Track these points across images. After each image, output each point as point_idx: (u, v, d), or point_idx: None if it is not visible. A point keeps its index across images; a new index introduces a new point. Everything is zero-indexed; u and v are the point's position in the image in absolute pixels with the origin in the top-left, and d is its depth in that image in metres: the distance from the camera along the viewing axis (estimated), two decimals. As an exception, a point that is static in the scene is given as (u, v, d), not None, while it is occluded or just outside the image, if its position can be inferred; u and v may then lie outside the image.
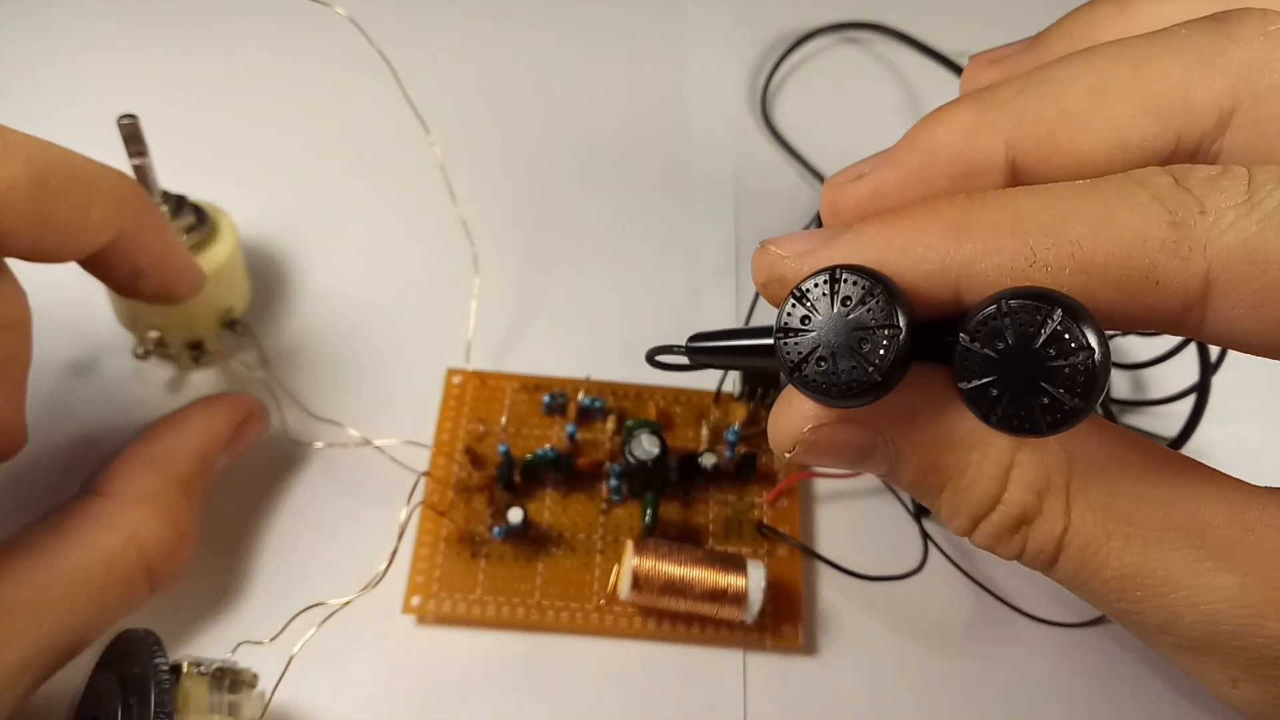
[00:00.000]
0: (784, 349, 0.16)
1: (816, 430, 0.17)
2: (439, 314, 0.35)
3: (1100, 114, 0.17)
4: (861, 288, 0.15)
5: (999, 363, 0.15)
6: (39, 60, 0.43)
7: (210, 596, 0.29)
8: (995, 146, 0.18)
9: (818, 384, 0.16)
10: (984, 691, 0.29)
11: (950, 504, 0.18)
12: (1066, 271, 0.15)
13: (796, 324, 0.16)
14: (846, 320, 0.15)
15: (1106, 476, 0.16)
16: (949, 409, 0.17)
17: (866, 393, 0.15)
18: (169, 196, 0.31)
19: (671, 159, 0.42)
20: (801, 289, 0.16)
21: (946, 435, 0.17)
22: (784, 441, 0.18)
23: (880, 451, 0.18)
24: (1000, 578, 0.30)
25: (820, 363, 0.16)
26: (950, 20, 0.47)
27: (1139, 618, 0.17)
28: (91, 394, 0.32)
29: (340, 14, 0.30)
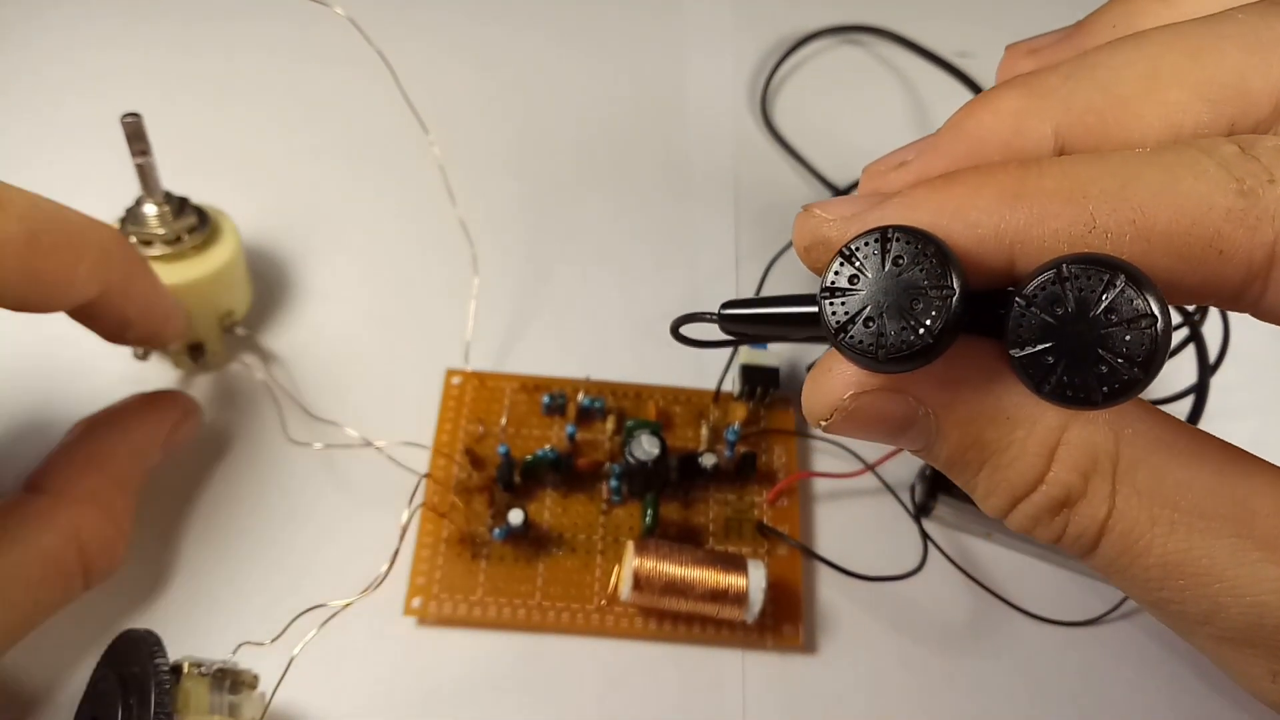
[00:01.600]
0: (829, 310, 0.15)
1: (857, 398, 0.17)
2: (438, 314, 0.35)
3: (1153, 101, 0.16)
4: (914, 248, 0.15)
5: (1056, 329, 0.14)
6: (40, 60, 0.43)
7: (211, 597, 0.29)
8: (1044, 134, 0.17)
9: (864, 346, 0.15)
10: (983, 691, 0.29)
11: (989, 482, 0.17)
12: (1127, 238, 0.15)
13: (844, 284, 0.15)
14: (898, 280, 0.15)
15: (1154, 460, 0.16)
16: (996, 382, 0.16)
17: (915, 357, 0.15)
18: (171, 198, 0.31)
19: (671, 159, 0.42)
20: (850, 248, 0.15)
21: (992, 409, 0.16)
22: (821, 409, 0.17)
23: (920, 424, 0.17)
24: (1000, 577, 0.31)
25: (868, 323, 0.15)
26: (949, 23, 0.47)
27: (1179, 607, 0.16)
28: (92, 396, 0.32)
29: (339, 14, 0.30)
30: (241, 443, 0.32)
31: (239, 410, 0.33)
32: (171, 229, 0.31)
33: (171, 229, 0.31)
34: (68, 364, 0.33)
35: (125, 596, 0.28)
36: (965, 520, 0.31)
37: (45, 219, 0.24)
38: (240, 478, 0.31)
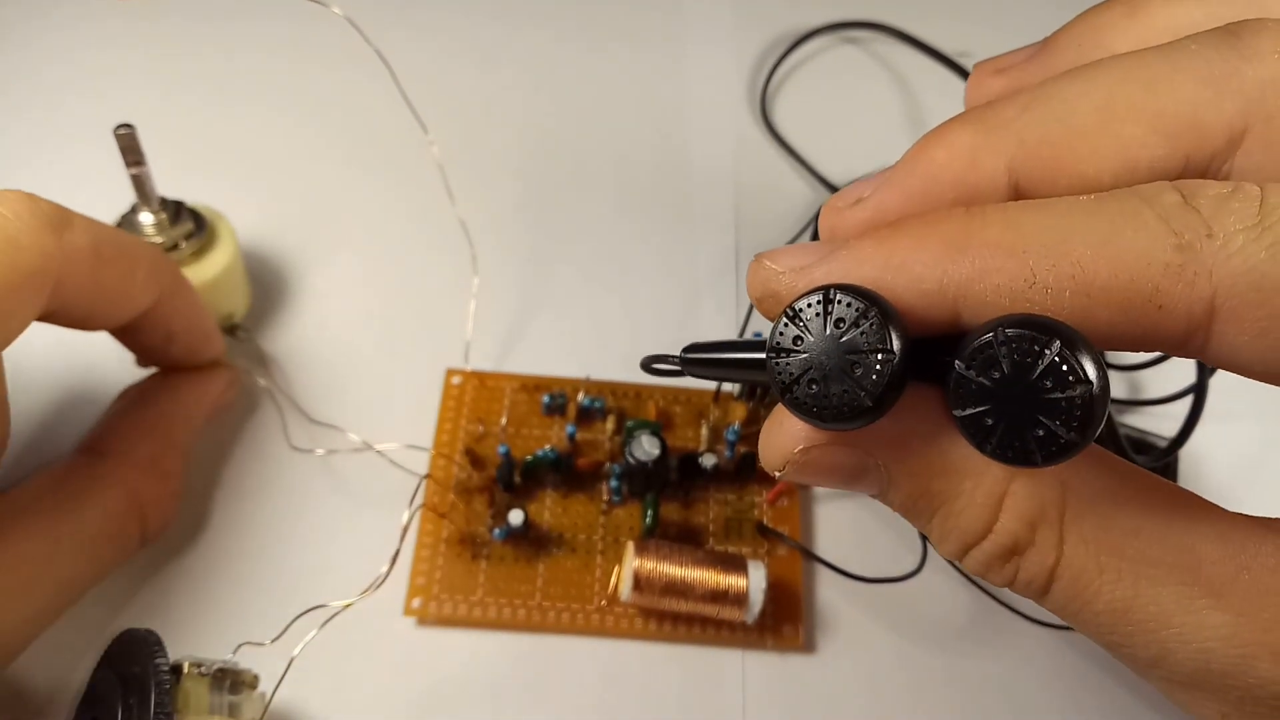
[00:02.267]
0: (776, 369, 0.16)
1: (807, 452, 0.17)
2: (438, 314, 0.35)
3: (1107, 135, 0.16)
4: (855, 309, 0.15)
5: (994, 392, 0.14)
6: (40, 61, 0.43)
7: (212, 597, 0.29)
8: (997, 168, 0.17)
9: (808, 406, 0.15)
10: (983, 691, 0.29)
11: (941, 529, 0.17)
12: (1067, 294, 0.15)
13: (789, 344, 0.16)
14: (840, 343, 0.15)
15: (1101, 509, 0.16)
16: (943, 434, 0.16)
17: (858, 416, 0.15)
18: (167, 203, 0.31)
19: (671, 158, 0.42)
20: (795, 309, 0.16)
21: (940, 461, 0.17)
22: (775, 460, 0.18)
23: (872, 474, 0.17)
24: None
25: (811, 385, 0.15)
26: (950, 19, 0.47)
27: (1130, 651, 0.16)
28: (93, 399, 0.32)
29: (337, 14, 0.30)
30: (242, 445, 0.32)
31: (240, 413, 0.33)
32: (168, 236, 0.31)
33: (168, 236, 0.31)
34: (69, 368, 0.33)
35: (125, 596, 0.28)
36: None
37: (103, 233, 0.25)
38: (241, 479, 0.31)
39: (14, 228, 0.23)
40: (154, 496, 0.28)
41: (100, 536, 0.26)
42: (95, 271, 0.25)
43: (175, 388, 0.30)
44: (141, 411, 0.30)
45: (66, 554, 0.25)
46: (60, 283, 0.24)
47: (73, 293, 0.24)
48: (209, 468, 0.31)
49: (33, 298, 0.23)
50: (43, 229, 0.23)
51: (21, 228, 0.23)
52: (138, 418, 0.29)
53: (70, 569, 0.26)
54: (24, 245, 0.23)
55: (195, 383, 0.31)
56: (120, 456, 0.28)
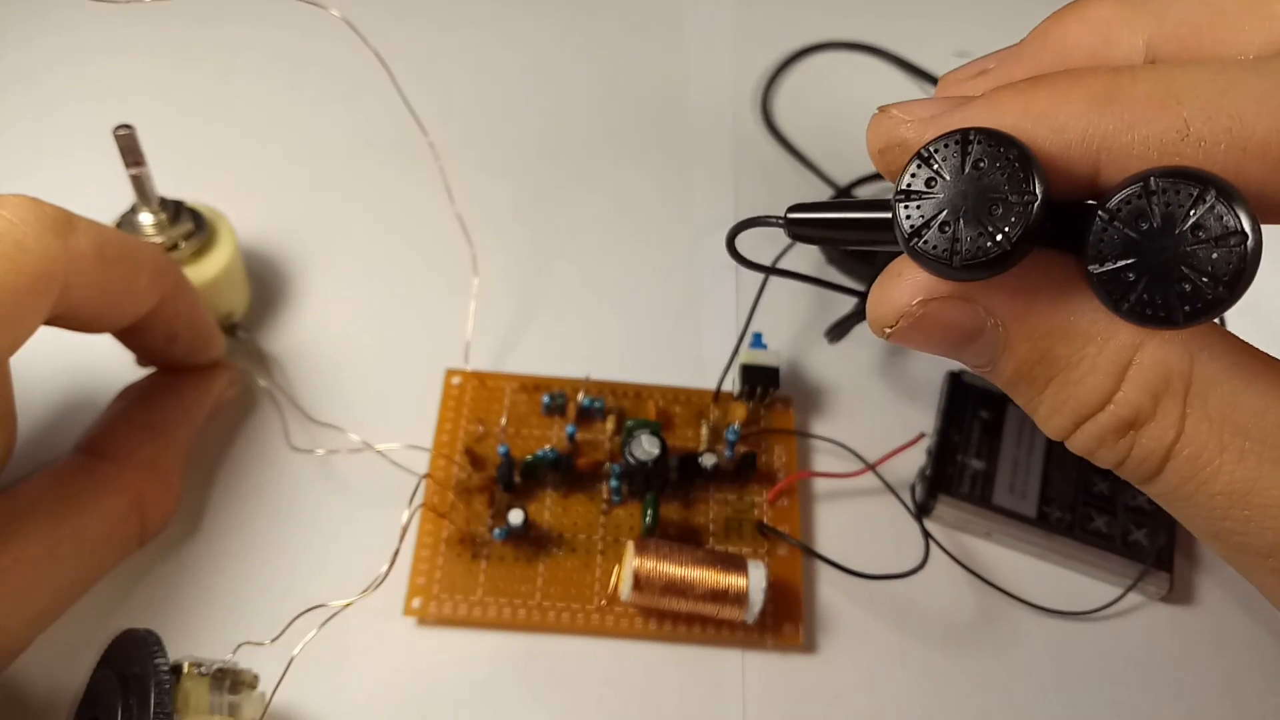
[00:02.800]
0: (903, 214, 0.15)
1: (925, 304, 0.16)
2: (438, 314, 0.35)
3: (1255, 14, 0.16)
4: (996, 151, 0.14)
5: (1139, 244, 0.14)
6: (39, 62, 0.43)
7: (211, 597, 0.29)
8: (1135, 46, 0.16)
9: (938, 252, 0.14)
10: (984, 690, 0.29)
11: (1054, 400, 0.16)
12: (1222, 147, 0.14)
13: (920, 187, 0.15)
14: (977, 184, 0.14)
15: (1228, 385, 0.15)
16: (1070, 296, 0.16)
17: (991, 265, 0.14)
18: (166, 203, 0.31)
19: (672, 158, 0.42)
20: (928, 150, 0.15)
21: (1064, 323, 0.16)
22: (887, 315, 0.17)
23: (987, 336, 0.16)
24: (1000, 577, 0.31)
25: (944, 228, 0.14)
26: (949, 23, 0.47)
27: (1242, 539, 0.16)
28: (92, 398, 0.32)
29: (334, 15, 0.30)
30: (242, 445, 0.32)
31: (240, 413, 0.33)
32: (168, 236, 0.31)
33: (168, 236, 0.31)
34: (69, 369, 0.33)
35: (125, 596, 0.28)
36: (965, 520, 0.31)
37: (107, 235, 0.25)
38: (241, 479, 0.31)
39: (19, 232, 0.23)
40: (153, 496, 0.28)
41: (100, 538, 0.26)
42: (100, 275, 0.25)
43: (175, 388, 0.30)
44: (141, 411, 0.30)
45: (66, 556, 0.25)
46: (65, 287, 0.24)
47: (78, 296, 0.24)
48: (209, 468, 0.31)
49: (39, 303, 0.23)
50: (48, 233, 0.23)
51: (27, 232, 0.23)
52: (137, 418, 0.29)
53: (70, 571, 0.26)
54: (30, 250, 0.23)
55: (195, 383, 0.31)
56: (119, 457, 0.28)
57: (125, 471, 0.28)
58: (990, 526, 0.31)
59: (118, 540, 0.27)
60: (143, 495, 0.28)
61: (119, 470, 0.28)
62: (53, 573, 0.25)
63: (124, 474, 0.28)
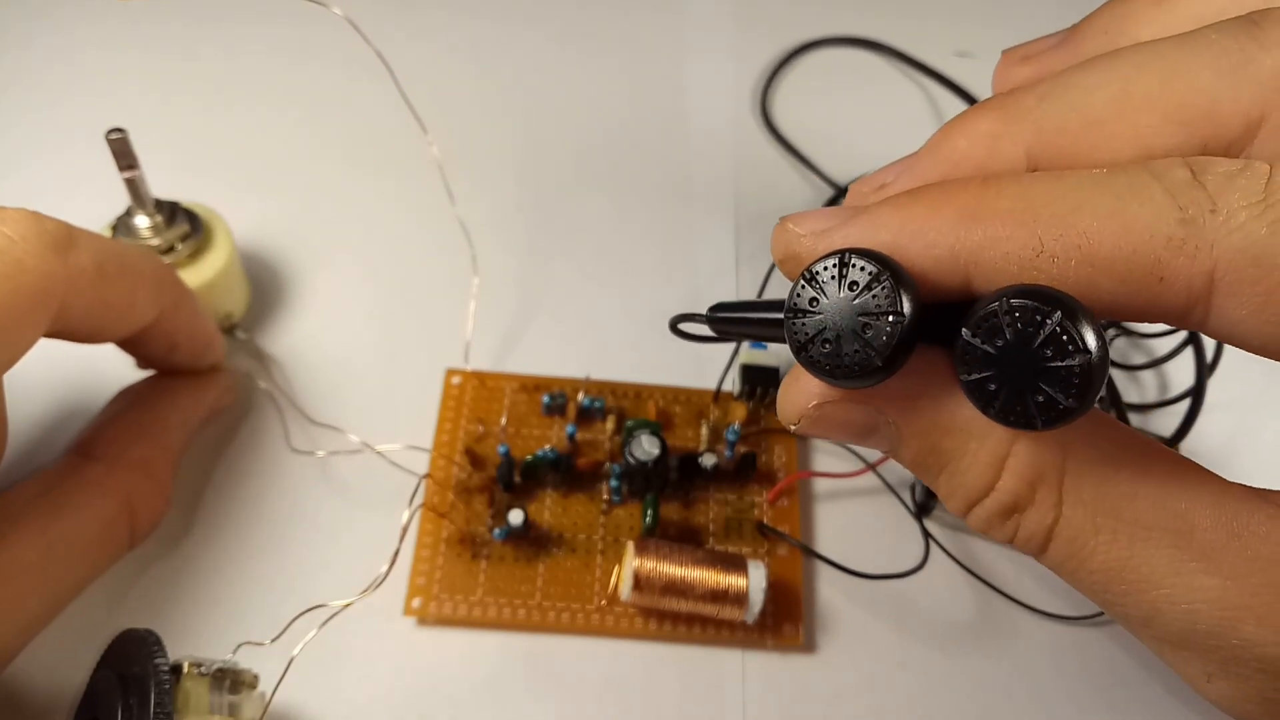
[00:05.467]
0: (792, 328, 0.16)
1: (821, 407, 0.18)
2: (438, 314, 0.35)
3: (1123, 123, 0.17)
4: (869, 273, 0.16)
5: (998, 358, 0.15)
6: (37, 62, 0.43)
7: (211, 597, 0.29)
8: (1016, 156, 0.18)
9: (822, 365, 0.16)
10: (984, 690, 0.29)
11: (948, 486, 0.18)
12: (1073, 263, 0.15)
13: (805, 305, 0.16)
14: (853, 304, 0.16)
15: (1100, 472, 0.17)
16: (951, 395, 0.17)
17: (868, 375, 0.16)
18: (162, 205, 0.31)
19: (671, 158, 0.42)
20: (812, 271, 0.16)
21: (947, 421, 0.17)
22: (791, 414, 0.18)
23: (882, 431, 0.18)
24: (1001, 576, 0.31)
25: (825, 344, 0.16)
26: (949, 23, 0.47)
27: (1123, 610, 0.17)
28: (91, 402, 0.32)
29: (337, 14, 0.30)
30: (242, 446, 0.32)
31: (239, 414, 0.33)
32: (164, 238, 0.31)
33: (164, 238, 0.31)
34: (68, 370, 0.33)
35: (125, 596, 0.28)
36: (965, 520, 0.31)
37: (108, 251, 0.25)
38: (240, 480, 0.31)
39: (19, 250, 0.22)
40: (143, 498, 0.28)
41: (91, 540, 0.26)
42: (99, 290, 0.25)
43: (170, 391, 0.30)
44: (135, 414, 0.29)
45: (59, 559, 0.25)
46: (64, 303, 0.23)
47: (76, 312, 0.24)
48: (209, 469, 0.31)
49: (37, 321, 0.23)
50: (47, 251, 0.23)
51: (27, 250, 0.22)
52: (130, 420, 0.29)
53: (62, 574, 0.25)
54: (29, 269, 0.22)
55: (191, 388, 0.31)
56: (111, 459, 0.28)
57: (115, 473, 0.28)
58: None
59: (109, 542, 0.27)
60: (132, 497, 0.28)
61: (109, 471, 0.27)
62: (45, 576, 0.25)
63: (114, 475, 0.27)
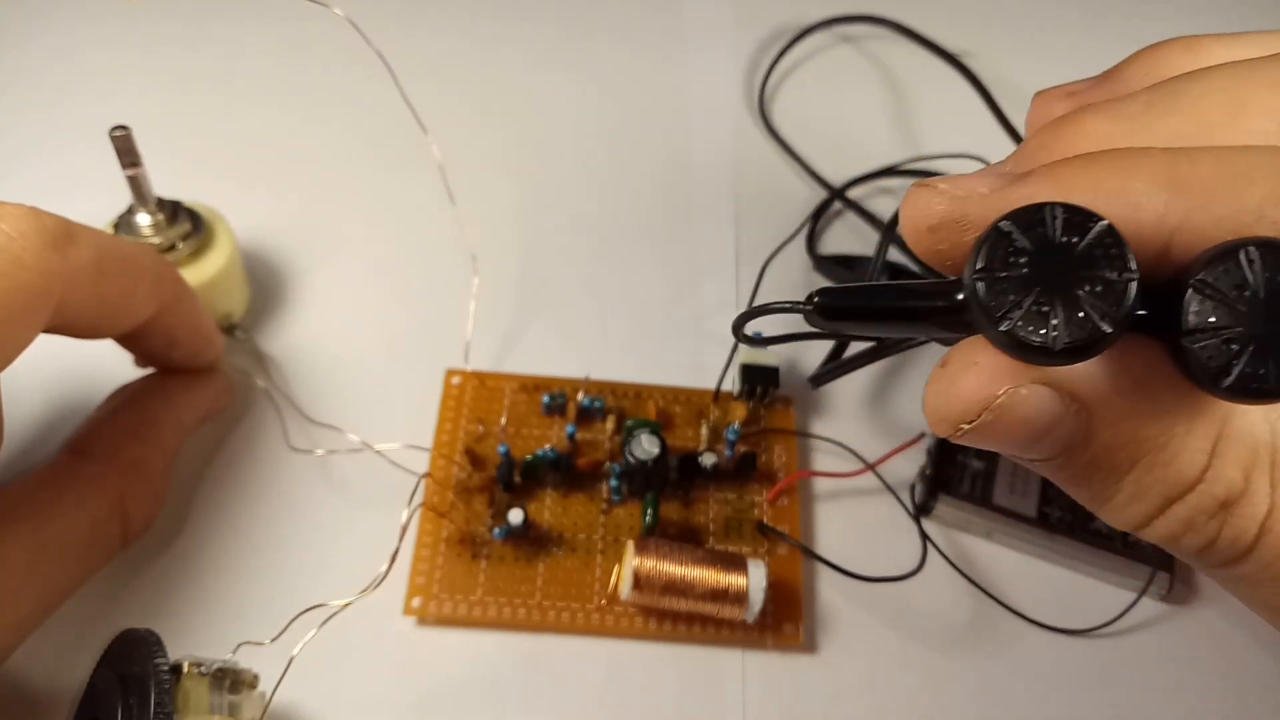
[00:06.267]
0: (986, 295, 0.14)
1: (1014, 393, 0.15)
2: (438, 314, 0.35)
3: (1238, 129, 0.16)
4: (1086, 227, 0.13)
5: (1241, 314, 0.13)
6: (38, 61, 0.43)
7: (211, 597, 0.29)
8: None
9: (1029, 335, 0.13)
10: (984, 691, 0.29)
11: (1138, 484, 0.15)
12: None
13: (1000, 265, 0.14)
14: (1070, 261, 0.13)
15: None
16: (1154, 373, 0.15)
17: (1092, 345, 0.13)
18: (164, 204, 0.31)
19: (670, 158, 0.42)
20: (1005, 225, 0.14)
21: (1151, 404, 0.15)
22: (966, 409, 0.15)
23: (1066, 426, 0.15)
24: (1000, 577, 0.30)
25: (1037, 309, 0.13)
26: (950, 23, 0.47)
27: None
28: (89, 398, 0.32)
29: (338, 14, 0.30)
30: (241, 446, 0.32)
31: (238, 414, 0.33)
32: (166, 237, 0.31)
33: (166, 237, 0.31)
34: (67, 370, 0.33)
35: (125, 596, 0.28)
36: (965, 520, 0.31)
37: (107, 247, 0.25)
38: (240, 479, 0.31)
39: (18, 247, 0.22)
40: (135, 498, 0.28)
41: (83, 539, 0.26)
42: (98, 286, 0.24)
43: (166, 391, 0.30)
44: (129, 413, 0.29)
45: (51, 558, 0.25)
46: (64, 299, 0.23)
47: (75, 308, 0.24)
48: (208, 468, 0.31)
49: (35, 318, 0.23)
50: (46, 247, 0.23)
51: (26, 247, 0.22)
52: (124, 419, 0.29)
53: (55, 573, 0.25)
54: (28, 266, 0.22)
55: (187, 387, 0.31)
56: (104, 458, 0.28)
57: (108, 472, 0.27)
58: (990, 526, 0.31)
59: (101, 542, 0.27)
60: (125, 496, 0.27)
61: (102, 471, 0.27)
62: (38, 575, 0.25)
63: (107, 474, 0.27)
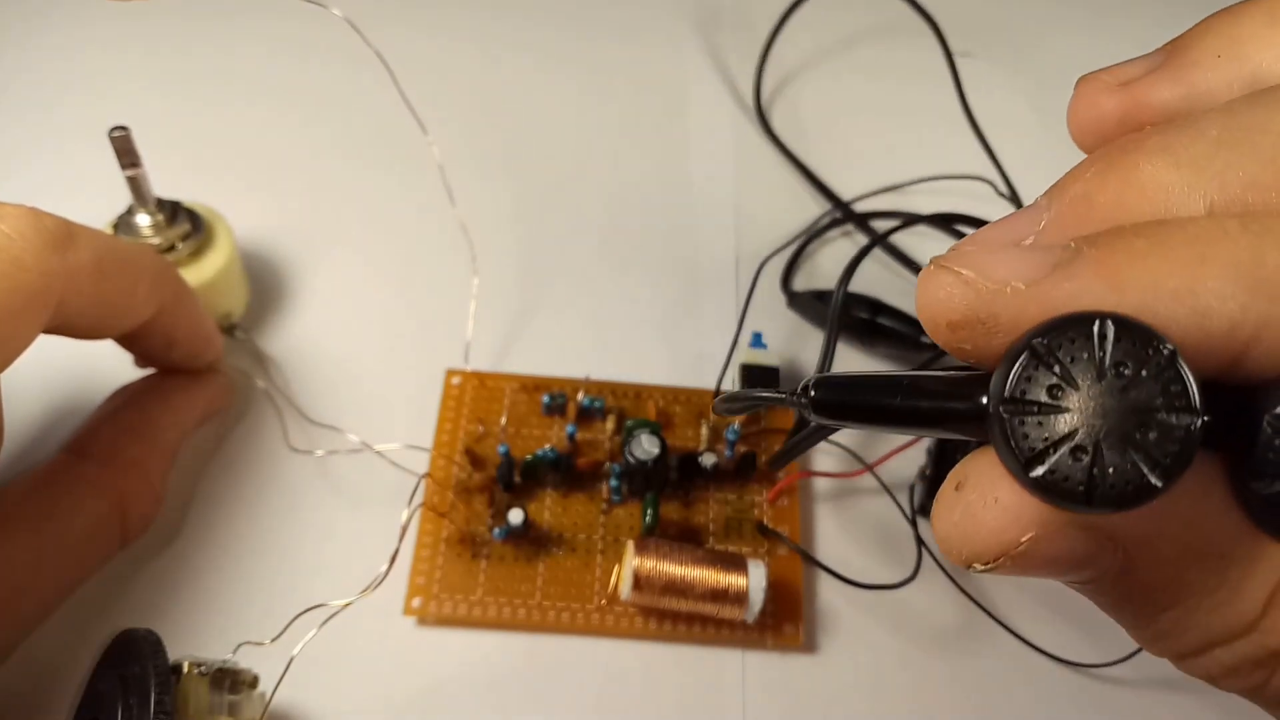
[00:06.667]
0: (1017, 431, 0.11)
1: (1037, 541, 0.13)
2: (438, 314, 0.35)
3: None
4: (1139, 350, 0.11)
5: None
6: (38, 61, 0.43)
7: (211, 597, 0.29)
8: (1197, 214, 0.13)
9: (1070, 485, 0.11)
10: (984, 691, 0.29)
11: (1179, 623, 0.14)
12: None
13: (1041, 395, 0.11)
14: (1124, 397, 0.11)
15: None
16: (1208, 507, 0.13)
17: (1138, 499, 0.11)
18: (163, 204, 0.31)
19: (671, 157, 0.42)
20: (1044, 344, 0.11)
21: (1201, 544, 0.13)
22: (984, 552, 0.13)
23: (1102, 559, 0.13)
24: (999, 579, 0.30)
25: (1078, 455, 0.11)
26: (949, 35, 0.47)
27: None
28: (89, 399, 0.32)
29: (336, 14, 0.30)
30: (241, 446, 0.32)
31: (238, 414, 0.33)
32: (165, 237, 0.31)
33: (165, 237, 0.31)
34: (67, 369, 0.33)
35: (124, 597, 0.28)
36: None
37: (107, 248, 0.25)
38: (240, 480, 0.31)
39: (17, 248, 0.22)
40: (134, 497, 0.28)
41: (82, 539, 0.26)
42: (98, 287, 0.24)
43: (165, 391, 0.30)
44: (128, 413, 0.29)
45: (50, 559, 0.25)
46: (63, 299, 0.23)
47: (75, 308, 0.24)
48: (209, 468, 0.31)
49: (35, 319, 0.23)
50: (46, 248, 0.22)
51: (25, 248, 0.22)
52: (124, 419, 0.29)
53: (54, 573, 0.25)
54: (27, 267, 0.22)
55: (186, 388, 0.30)
56: (103, 458, 0.28)
57: (107, 472, 0.27)
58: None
59: (101, 541, 0.27)
60: (124, 497, 0.27)
61: (101, 470, 0.27)
62: (37, 576, 0.25)
63: (106, 474, 0.27)
